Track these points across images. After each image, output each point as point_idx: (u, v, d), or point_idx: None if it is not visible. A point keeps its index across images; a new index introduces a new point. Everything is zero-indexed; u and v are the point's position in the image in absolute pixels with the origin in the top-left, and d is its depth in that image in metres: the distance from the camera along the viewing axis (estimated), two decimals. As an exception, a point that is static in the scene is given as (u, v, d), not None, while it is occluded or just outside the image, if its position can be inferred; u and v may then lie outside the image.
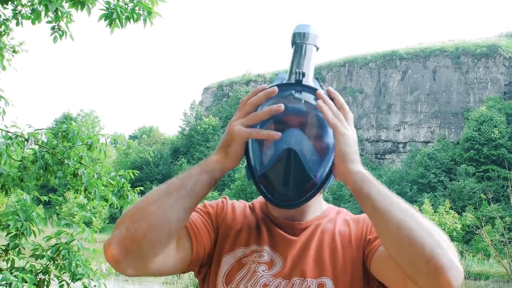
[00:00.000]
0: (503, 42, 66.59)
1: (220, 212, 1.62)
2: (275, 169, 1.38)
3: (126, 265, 1.34)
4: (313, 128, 1.42)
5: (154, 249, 1.33)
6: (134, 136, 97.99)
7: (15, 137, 4.77)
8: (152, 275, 1.44)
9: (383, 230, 1.28)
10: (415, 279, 1.23)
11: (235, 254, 1.53)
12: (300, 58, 1.49)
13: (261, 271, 1.49)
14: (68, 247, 4.50)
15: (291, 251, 1.51)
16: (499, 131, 52.52)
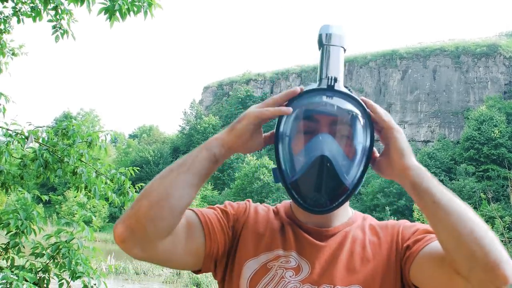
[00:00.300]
0: (503, 42, 66.66)
1: (241, 214, 1.60)
2: (308, 176, 1.38)
3: (132, 244, 1.34)
4: (345, 132, 1.43)
5: (158, 228, 1.33)
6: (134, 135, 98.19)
7: (15, 135, 4.76)
8: (161, 261, 1.43)
9: (443, 223, 1.27)
10: (470, 273, 1.22)
11: (259, 259, 1.51)
12: (329, 62, 1.49)
13: (288, 276, 1.47)
14: (68, 245, 4.49)
15: (319, 257, 1.50)
16: (499, 131, 52.56)
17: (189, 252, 1.47)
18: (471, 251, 1.21)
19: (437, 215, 1.28)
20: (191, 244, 1.47)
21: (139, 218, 1.32)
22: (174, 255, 1.44)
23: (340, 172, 1.38)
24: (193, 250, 1.48)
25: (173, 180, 1.36)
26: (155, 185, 1.36)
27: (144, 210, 1.32)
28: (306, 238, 1.52)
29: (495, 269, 1.18)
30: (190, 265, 1.51)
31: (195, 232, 1.48)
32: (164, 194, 1.34)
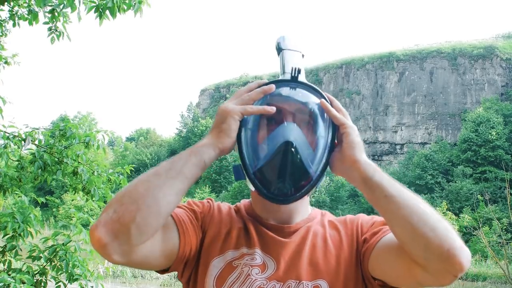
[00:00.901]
0: (500, 44, 66.73)
1: (207, 212, 1.59)
2: (272, 163, 1.37)
3: (113, 249, 1.27)
4: (309, 123, 1.43)
5: (143, 233, 1.29)
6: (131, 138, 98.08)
7: (13, 137, 4.76)
8: (138, 265, 1.40)
9: (396, 216, 1.28)
10: (427, 263, 1.24)
11: (225, 257, 1.51)
12: (291, 58, 1.53)
13: (255, 274, 1.47)
14: (65, 248, 4.49)
15: (284, 253, 1.50)
16: (496, 132, 52.58)
17: (164, 253, 1.45)
18: (425, 242, 1.23)
19: (389, 208, 1.30)
20: (166, 246, 1.45)
21: (124, 224, 1.26)
22: (151, 258, 1.41)
23: (304, 159, 1.38)
24: (168, 251, 1.46)
25: (161, 186, 1.32)
26: (141, 189, 1.31)
27: (130, 215, 1.26)
28: (269, 235, 1.53)
29: (450, 258, 1.21)
30: (162, 266, 1.49)
31: (171, 233, 1.46)
32: (152, 200, 1.29)
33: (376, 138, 68.70)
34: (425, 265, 1.25)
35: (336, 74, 76.33)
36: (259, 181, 1.40)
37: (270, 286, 1.46)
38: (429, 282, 1.29)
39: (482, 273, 29.90)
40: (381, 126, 68.87)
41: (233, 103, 1.43)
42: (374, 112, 70.03)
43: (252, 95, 1.44)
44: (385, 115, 69.16)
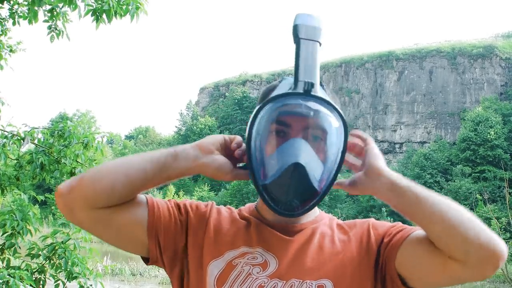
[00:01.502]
0: (500, 43, 66.72)
1: (200, 214, 1.58)
2: (280, 181, 1.37)
3: (71, 199, 1.39)
4: (319, 137, 1.42)
5: (97, 193, 1.38)
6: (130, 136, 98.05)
7: (11, 136, 4.76)
8: (104, 228, 1.45)
9: (431, 215, 1.31)
10: (467, 257, 1.28)
11: (224, 257, 1.49)
12: (306, 60, 1.43)
13: (256, 273, 1.45)
14: (64, 246, 4.49)
15: (287, 251, 1.49)
16: (495, 132, 52.59)
17: (129, 222, 1.47)
18: (465, 235, 1.26)
19: (423, 209, 1.32)
20: (134, 221, 1.48)
21: (81, 179, 1.39)
22: (117, 222, 1.45)
23: (313, 178, 1.38)
24: (133, 221, 1.48)
25: (133, 164, 1.43)
26: (110, 163, 1.43)
27: (89, 176, 1.40)
28: (272, 232, 1.52)
29: (490, 248, 1.24)
30: (134, 242, 1.52)
31: (139, 211, 1.49)
32: (113, 171, 1.41)
33: (375, 137, 68.65)
34: (465, 259, 1.28)
35: (335, 73, 76.32)
36: (267, 195, 1.40)
37: (272, 285, 1.44)
38: (469, 276, 1.31)
39: (480, 272, 29.88)
40: (380, 125, 68.88)
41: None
42: (373, 111, 70.04)
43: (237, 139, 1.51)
44: (384, 114, 69.16)
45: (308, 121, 1.41)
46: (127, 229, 1.47)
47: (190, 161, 1.43)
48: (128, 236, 1.49)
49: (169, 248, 1.51)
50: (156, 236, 1.49)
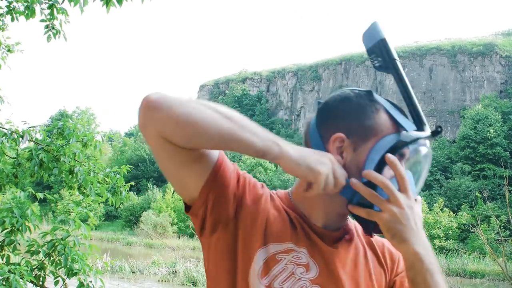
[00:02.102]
0: (500, 41, 66.77)
1: (256, 196, 1.46)
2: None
3: (150, 117, 1.24)
4: (420, 172, 1.47)
5: (176, 132, 1.23)
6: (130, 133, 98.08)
7: (10, 133, 4.76)
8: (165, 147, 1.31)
9: None
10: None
11: (268, 249, 1.42)
12: (411, 88, 1.47)
13: (299, 273, 1.41)
14: (64, 242, 4.49)
15: (328, 261, 1.45)
16: (495, 130, 52.63)
17: (190, 169, 1.36)
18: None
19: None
20: (197, 165, 1.36)
21: (173, 110, 1.22)
22: (177, 158, 1.33)
23: None
24: (194, 170, 1.37)
25: (218, 123, 1.24)
26: (205, 111, 1.24)
27: (180, 111, 1.21)
28: (316, 239, 1.47)
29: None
30: (185, 180, 1.40)
31: (207, 159, 1.38)
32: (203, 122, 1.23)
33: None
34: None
35: (335, 70, 76.42)
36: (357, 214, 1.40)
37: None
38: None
39: (480, 270, 29.92)
40: (380, 123, 68.97)
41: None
42: (373, 108, 70.11)
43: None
44: (384, 112, 69.27)
45: (421, 157, 1.42)
46: (184, 173, 1.37)
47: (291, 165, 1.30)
48: (182, 180, 1.39)
49: (215, 214, 1.41)
50: (207, 196, 1.39)
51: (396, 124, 1.42)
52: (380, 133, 1.40)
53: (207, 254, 1.47)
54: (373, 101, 1.46)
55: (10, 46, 6.27)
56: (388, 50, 1.44)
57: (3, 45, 6.13)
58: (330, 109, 1.46)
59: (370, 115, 1.42)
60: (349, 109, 1.44)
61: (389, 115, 1.44)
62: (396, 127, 1.42)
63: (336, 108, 1.45)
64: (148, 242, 43.24)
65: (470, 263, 31.86)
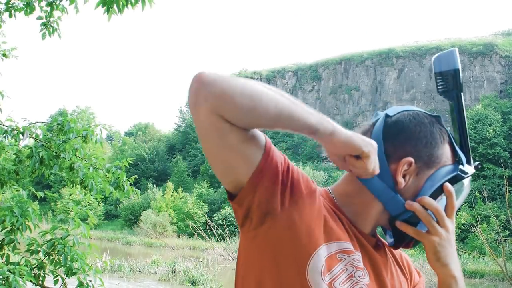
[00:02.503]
0: (499, 41, 66.81)
1: (311, 190, 1.38)
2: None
3: (205, 92, 1.19)
4: (459, 206, 1.52)
5: (233, 106, 1.19)
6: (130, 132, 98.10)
7: (10, 131, 4.75)
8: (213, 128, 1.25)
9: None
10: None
11: (330, 246, 1.36)
12: (465, 121, 1.54)
13: (357, 276, 1.39)
14: (63, 242, 4.48)
15: (376, 267, 1.45)
16: (494, 130, 52.67)
17: (239, 151, 1.29)
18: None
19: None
20: (247, 148, 1.29)
21: (228, 87, 1.18)
22: (228, 139, 1.26)
23: None
24: (245, 154, 1.30)
25: (275, 99, 1.22)
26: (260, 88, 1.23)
27: (237, 90, 1.18)
28: (366, 244, 1.46)
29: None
30: (234, 164, 1.31)
31: (257, 144, 1.31)
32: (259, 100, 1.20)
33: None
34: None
35: (335, 70, 76.40)
36: (399, 231, 1.46)
37: None
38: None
39: (479, 270, 29.96)
40: (380, 123, 68.98)
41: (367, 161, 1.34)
42: (373, 108, 70.10)
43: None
44: (384, 112, 69.27)
45: (464, 188, 1.56)
46: (235, 156, 1.28)
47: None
48: (231, 164, 1.30)
49: (265, 203, 1.32)
50: (259, 182, 1.30)
51: (455, 156, 1.49)
52: (443, 163, 1.46)
53: (249, 246, 1.38)
54: (442, 130, 1.51)
55: (5, 51, 6.27)
56: (458, 81, 1.48)
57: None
58: (402, 128, 1.46)
59: (440, 145, 1.47)
60: (423, 135, 1.46)
61: (452, 146, 1.50)
62: (454, 158, 1.49)
63: (409, 130, 1.46)
64: (148, 241, 43.28)
65: (470, 263, 31.90)
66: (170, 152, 79.55)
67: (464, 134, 1.51)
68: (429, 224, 1.39)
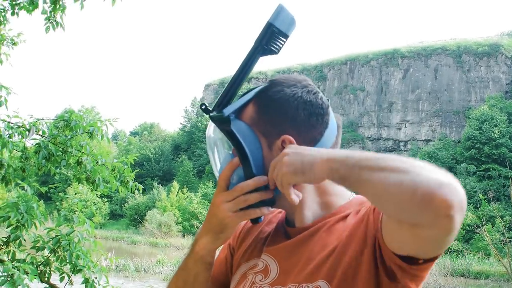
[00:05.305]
0: (505, 41, 66.62)
1: (235, 236, 1.61)
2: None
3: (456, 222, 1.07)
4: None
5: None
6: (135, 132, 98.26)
7: (17, 127, 4.76)
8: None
9: (372, 199, 1.17)
10: (417, 224, 1.09)
11: (240, 270, 1.50)
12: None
13: (258, 280, 1.41)
14: (68, 238, 4.49)
15: (285, 256, 1.41)
16: (500, 131, 52.54)
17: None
18: (400, 207, 1.08)
19: (365, 196, 1.19)
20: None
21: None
22: None
23: None
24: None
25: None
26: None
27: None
28: (278, 238, 1.47)
29: (429, 204, 1.03)
30: None
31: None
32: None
33: (380, 134, 68.70)
34: (420, 226, 1.09)
35: (340, 70, 76.31)
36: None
37: None
38: (435, 235, 1.10)
39: (484, 271, 29.90)
40: (385, 123, 68.87)
41: (227, 208, 1.37)
42: (378, 108, 70.03)
43: (243, 188, 1.36)
44: (389, 112, 69.15)
45: None
46: None
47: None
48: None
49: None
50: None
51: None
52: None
53: None
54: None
55: (13, 39, 6.28)
56: (266, 37, 1.40)
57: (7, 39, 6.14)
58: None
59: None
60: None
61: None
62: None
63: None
64: (153, 241, 43.32)
65: (475, 263, 31.84)
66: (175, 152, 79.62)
67: (235, 83, 1.40)
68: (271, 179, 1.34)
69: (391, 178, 1.09)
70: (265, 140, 1.39)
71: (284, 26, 1.37)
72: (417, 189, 1.04)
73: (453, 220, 1.04)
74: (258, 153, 1.38)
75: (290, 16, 1.38)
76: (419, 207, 1.04)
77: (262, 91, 1.45)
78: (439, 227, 1.07)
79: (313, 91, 1.43)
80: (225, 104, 1.39)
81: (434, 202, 1.03)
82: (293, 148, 1.29)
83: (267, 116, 1.40)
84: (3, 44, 6.11)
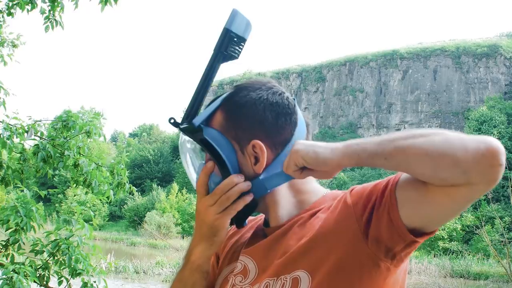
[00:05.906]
0: (504, 42, 66.67)
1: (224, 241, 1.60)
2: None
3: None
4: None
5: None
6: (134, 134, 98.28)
7: (15, 129, 4.75)
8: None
9: (410, 164, 1.16)
10: (468, 177, 1.10)
11: (222, 274, 1.51)
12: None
13: (239, 282, 1.41)
14: (67, 242, 4.48)
15: (262, 254, 1.41)
16: (499, 131, 52.55)
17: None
18: (454, 160, 1.11)
19: (398, 164, 1.19)
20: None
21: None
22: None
23: None
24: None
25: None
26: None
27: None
28: (256, 239, 1.48)
29: (485, 153, 1.08)
30: None
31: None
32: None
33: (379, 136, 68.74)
34: (467, 180, 1.11)
35: (339, 71, 76.35)
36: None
37: None
38: (481, 190, 1.15)
39: (484, 272, 29.88)
40: (384, 124, 68.91)
41: (213, 211, 1.39)
42: (377, 110, 70.09)
43: (231, 196, 1.37)
44: (388, 113, 69.21)
45: None
46: None
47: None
48: None
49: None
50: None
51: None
52: None
53: None
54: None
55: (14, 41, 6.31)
56: (225, 42, 1.43)
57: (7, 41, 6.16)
58: None
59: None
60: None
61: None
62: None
63: None
64: (152, 243, 43.29)
65: (474, 264, 31.82)
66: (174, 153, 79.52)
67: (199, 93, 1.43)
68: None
69: (435, 140, 1.14)
70: (237, 145, 1.40)
71: (241, 30, 1.39)
72: (467, 144, 1.10)
73: (503, 168, 1.11)
74: (233, 157, 1.39)
75: (246, 20, 1.40)
76: (474, 160, 1.09)
77: (228, 97, 1.46)
78: (489, 178, 1.12)
79: (278, 92, 1.44)
80: (193, 115, 1.40)
81: (489, 152, 1.09)
82: (301, 143, 1.32)
83: (236, 121, 1.40)
84: (3, 47, 6.12)
